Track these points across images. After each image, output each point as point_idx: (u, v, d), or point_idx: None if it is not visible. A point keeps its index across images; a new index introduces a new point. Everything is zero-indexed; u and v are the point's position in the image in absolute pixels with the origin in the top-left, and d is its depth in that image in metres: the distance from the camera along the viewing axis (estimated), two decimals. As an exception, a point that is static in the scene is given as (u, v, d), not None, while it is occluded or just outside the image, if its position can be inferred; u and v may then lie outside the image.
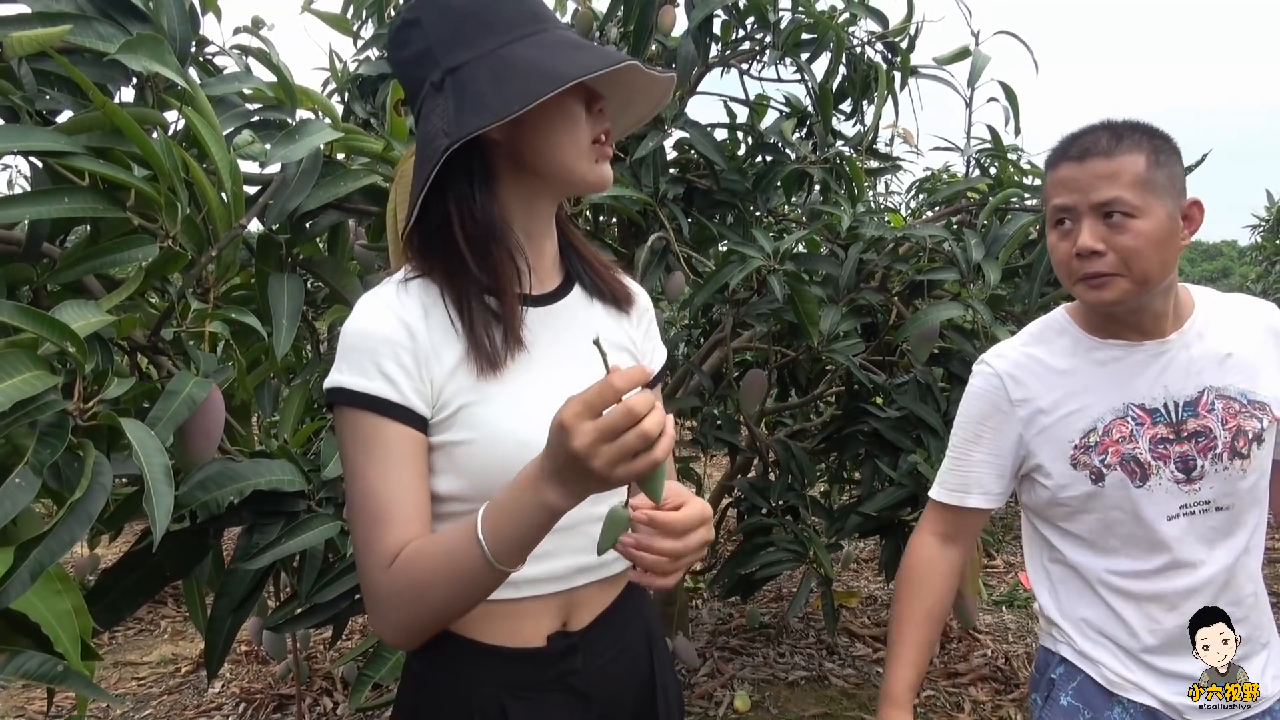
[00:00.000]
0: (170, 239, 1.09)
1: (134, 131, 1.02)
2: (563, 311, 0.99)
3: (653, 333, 1.10)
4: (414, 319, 0.90)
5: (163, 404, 1.08)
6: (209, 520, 1.29)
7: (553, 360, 0.96)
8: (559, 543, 0.92)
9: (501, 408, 0.90)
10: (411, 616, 0.83)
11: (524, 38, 0.87)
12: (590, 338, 0.86)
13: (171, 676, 3.80)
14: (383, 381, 0.86)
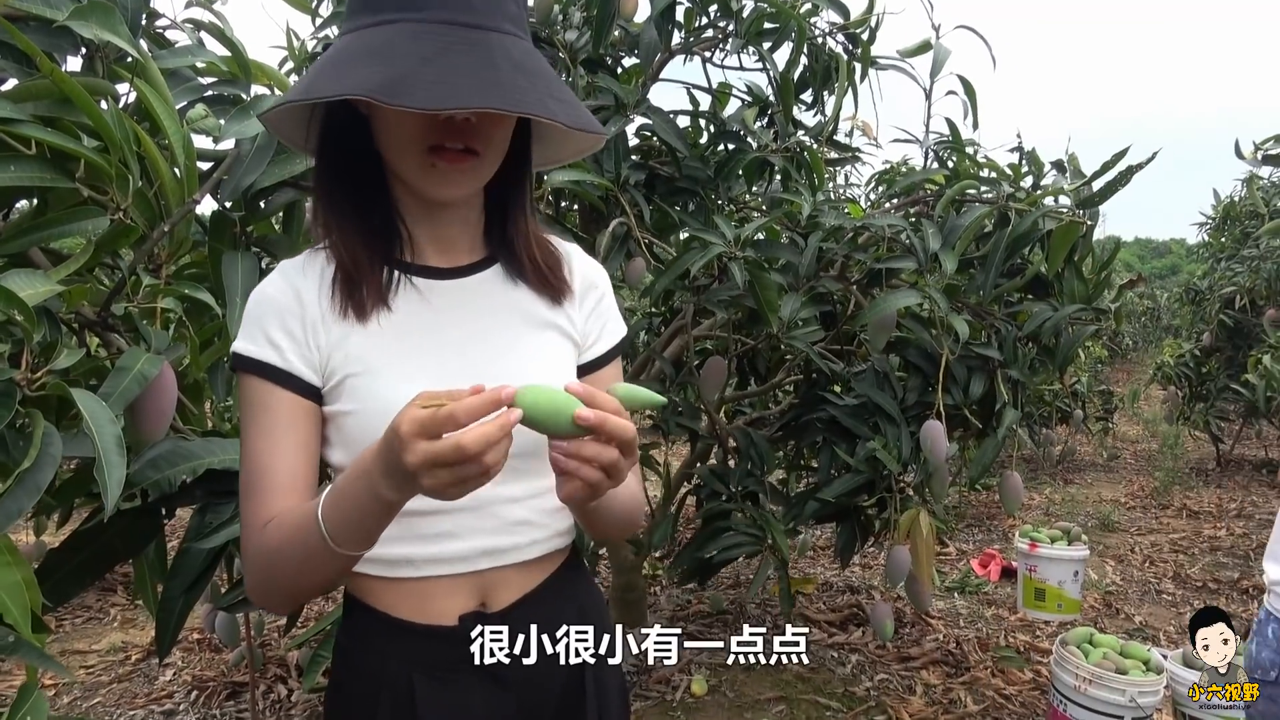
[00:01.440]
0: (121, 212, 1.07)
1: (83, 100, 1.00)
2: (476, 287, 0.97)
3: (602, 310, 1.05)
4: (308, 286, 0.90)
5: (113, 380, 1.06)
6: (161, 499, 1.27)
7: (452, 336, 0.94)
8: (463, 523, 0.92)
9: (387, 381, 0.89)
10: (266, 582, 0.85)
11: (393, 23, 0.80)
12: (502, 316, 0.95)
13: (121, 665, 3.74)
14: (269, 348, 0.87)
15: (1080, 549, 3.73)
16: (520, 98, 0.78)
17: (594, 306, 1.04)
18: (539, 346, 0.98)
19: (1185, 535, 5.50)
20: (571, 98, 0.85)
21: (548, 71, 0.85)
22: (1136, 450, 8.83)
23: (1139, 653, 2.67)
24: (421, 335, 0.93)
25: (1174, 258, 31.68)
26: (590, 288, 1.04)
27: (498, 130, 0.87)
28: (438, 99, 0.74)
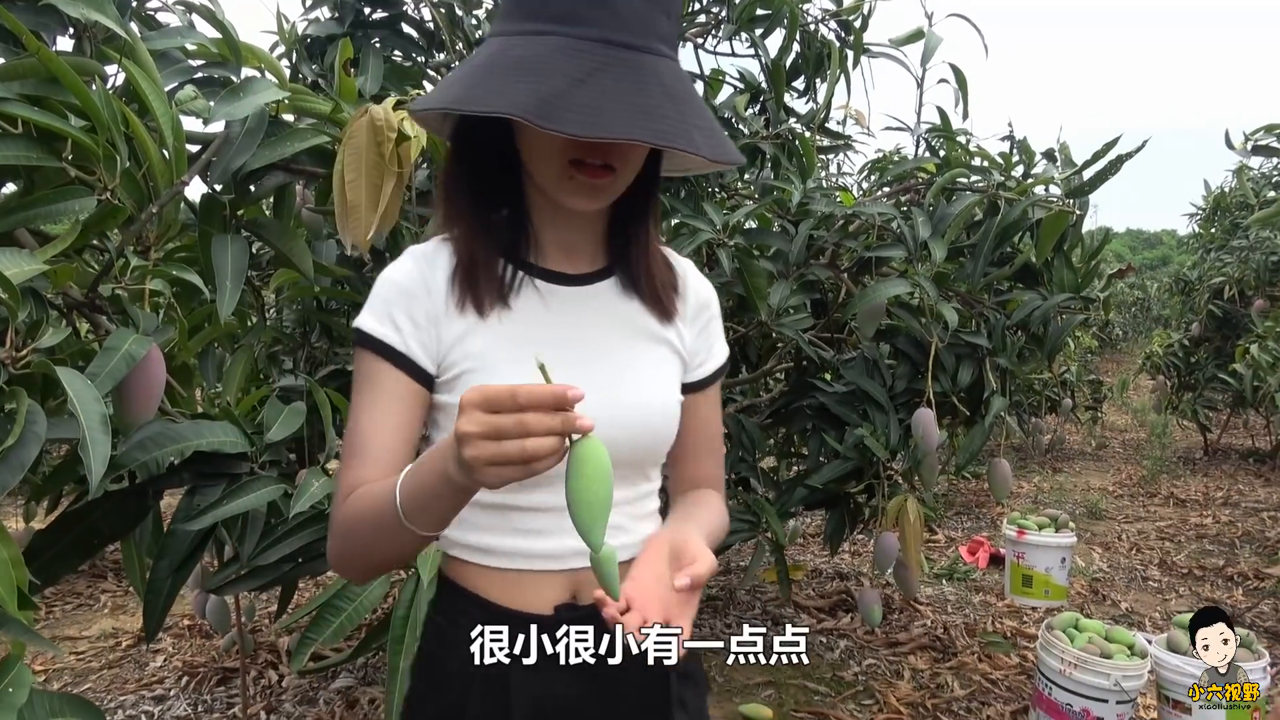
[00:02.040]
0: (109, 192, 1.07)
1: (71, 80, 0.99)
2: (593, 296, 0.98)
3: (711, 331, 1.07)
4: (435, 276, 0.93)
5: (100, 360, 1.06)
6: (149, 481, 1.28)
7: (567, 343, 0.96)
8: (557, 522, 0.93)
9: (501, 381, 0.88)
10: (343, 549, 0.88)
11: (547, 35, 0.81)
12: (618, 328, 0.98)
13: (112, 651, 3.74)
14: (391, 328, 0.91)
15: (1067, 536, 3.76)
16: (667, 129, 0.79)
17: (704, 326, 1.05)
18: (652, 361, 1.00)
19: (1172, 523, 5.54)
20: (712, 124, 0.86)
21: (693, 97, 0.85)
22: (1125, 439, 8.88)
23: (1124, 637, 2.70)
24: (537, 341, 0.94)
25: (1165, 249, 31.80)
26: (703, 307, 1.05)
27: (635, 151, 0.89)
28: (587, 126, 0.75)
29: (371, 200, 1.61)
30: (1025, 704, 2.98)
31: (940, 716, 2.98)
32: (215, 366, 2.34)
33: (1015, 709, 3.01)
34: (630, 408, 0.95)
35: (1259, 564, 4.65)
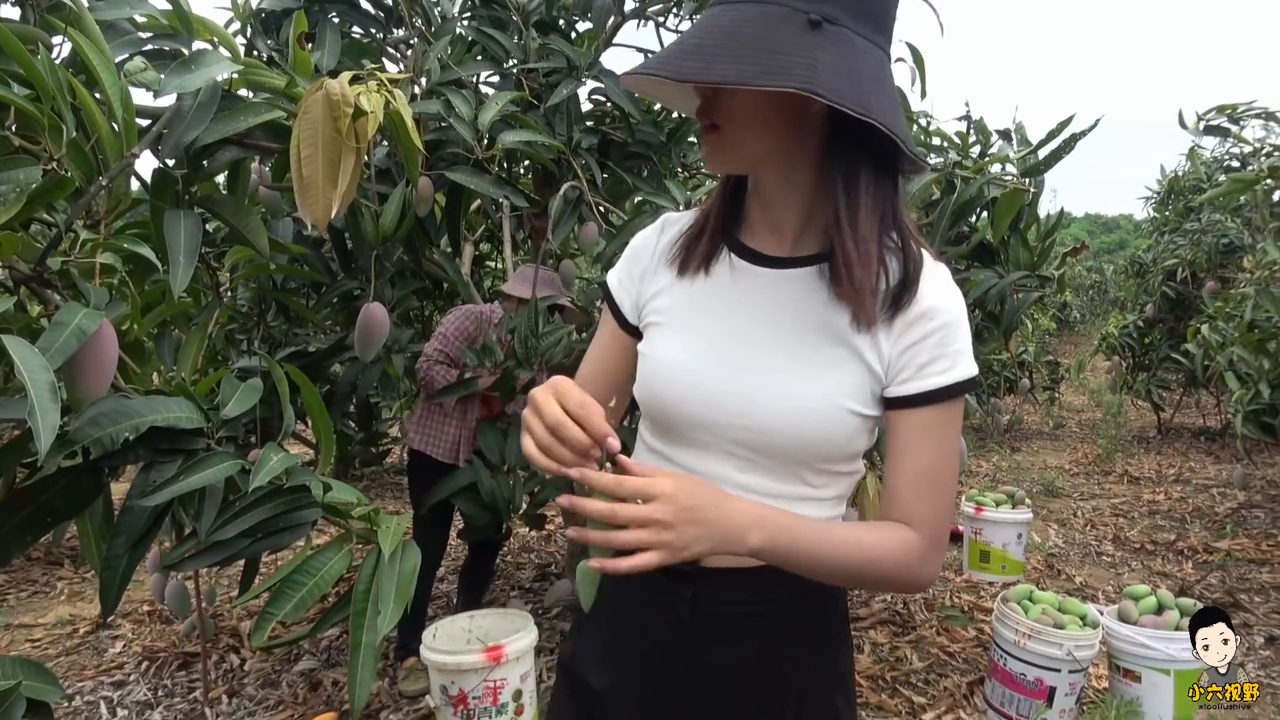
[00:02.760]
0: (55, 163, 1.05)
1: (14, 47, 0.97)
2: (784, 281, 0.96)
3: (930, 345, 0.91)
4: (664, 240, 1.06)
5: (50, 335, 1.04)
6: (102, 457, 1.26)
7: (738, 322, 0.97)
8: None
9: (666, 340, 1.00)
10: None
11: (711, 6, 0.88)
12: (798, 318, 0.94)
13: (69, 638, 3.69)
14: (616, 280, 1.09)
15: (1024, 512, 3.84)
16: (680, 63, 0.82)
17: (918, 339, 0.91)
18: (822, 361, 0.93)
19: (1125, 500, 5.68)
20: (757, 54, 0.82)
21: (755, 36, 0.83)
22: (1081, 419, 9.06)
23: (1076, 609, 2.77)
24: (713, 311, 0.99)
25: (1122, 233, 32.34)
26: (923, 316, 0.91)
27: (733, 103, 0.89)
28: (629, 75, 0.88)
29: (329, 177, 1.60)
30: (982, 675, 3.05)
31: (899, 688, 3.04)
32: (172, 348, 2.31)
33: (972, 680, 3.07)
34: (776, 398, 0.93)
35: (1208, 538, 4.78)
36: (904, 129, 0.86)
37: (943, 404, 0.92)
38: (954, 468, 0.94)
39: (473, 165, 2.11)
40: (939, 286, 0.92)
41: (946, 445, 0.93)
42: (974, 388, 0.93)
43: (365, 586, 1.40)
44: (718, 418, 0.96)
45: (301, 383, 1.46)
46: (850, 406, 0.92)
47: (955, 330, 0.91)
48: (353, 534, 1.49)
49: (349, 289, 2.39)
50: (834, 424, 0.92)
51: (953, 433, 0.93)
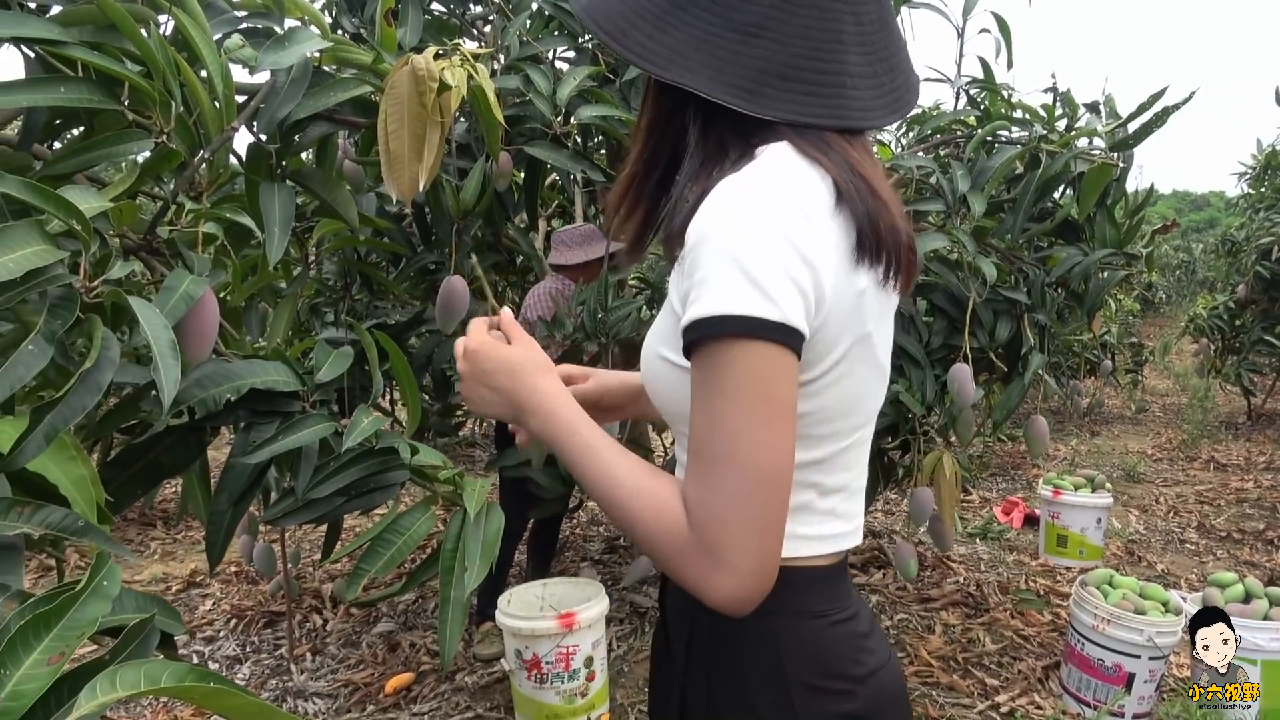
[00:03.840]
0: (164, 136, 1.10)
1: (128, 26, 1.02)
2: None
3: (684, 275, 0.74)
4: None
5: (160, 299, 1.10)
6: (206, 417, 1.33)
7: None
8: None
9: None
10: None
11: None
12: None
13: (164, 594, 3.88)
14: None
15: (1104, 496, 3.74)
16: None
17: (685, 272, 0.74)
18: (662, 312, 0.86)
19: (1212, 487, 5.49)
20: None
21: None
22: (1165, 403, 8.76)
23: (1158, 594, 2.70)
24: None
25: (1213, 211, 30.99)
26: (690, 247, 0.73)
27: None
28: None
29: (415, 151, 1.64)
30: (1057, 659, 3.00)
31: (971, 669, 3.01)
32: (259, 320, 2.40)
33: (1047, 664, 3.03)
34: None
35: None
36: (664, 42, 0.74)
37: (698, 352, 0.71)
38: (722, 444, 0.70)
39: (550, 140, 2.13)
40: (705, 210, 0.72)
41: (710, 410, 0.70)
42: (727, 329, 0.68)
43: (452, 545, 1.45)
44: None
45: (390, 349, 1.51)
46: (662, 353, 0.82)
47: (697, 253, 0.70)
48: (438, 496, 1.54)
49: (428, 262, 2.45)
50: (655, 375, 0.83)
51: (715, 394, 0.70)
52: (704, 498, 0.70)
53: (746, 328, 0.67)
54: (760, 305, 0.67)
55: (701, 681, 0.88)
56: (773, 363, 0.69)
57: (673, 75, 0.73)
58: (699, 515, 0.70)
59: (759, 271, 0.68)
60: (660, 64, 0.73)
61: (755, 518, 0.69)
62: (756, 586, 0.69)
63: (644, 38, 0.74)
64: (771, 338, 0.68)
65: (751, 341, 0.68)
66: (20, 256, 0.71)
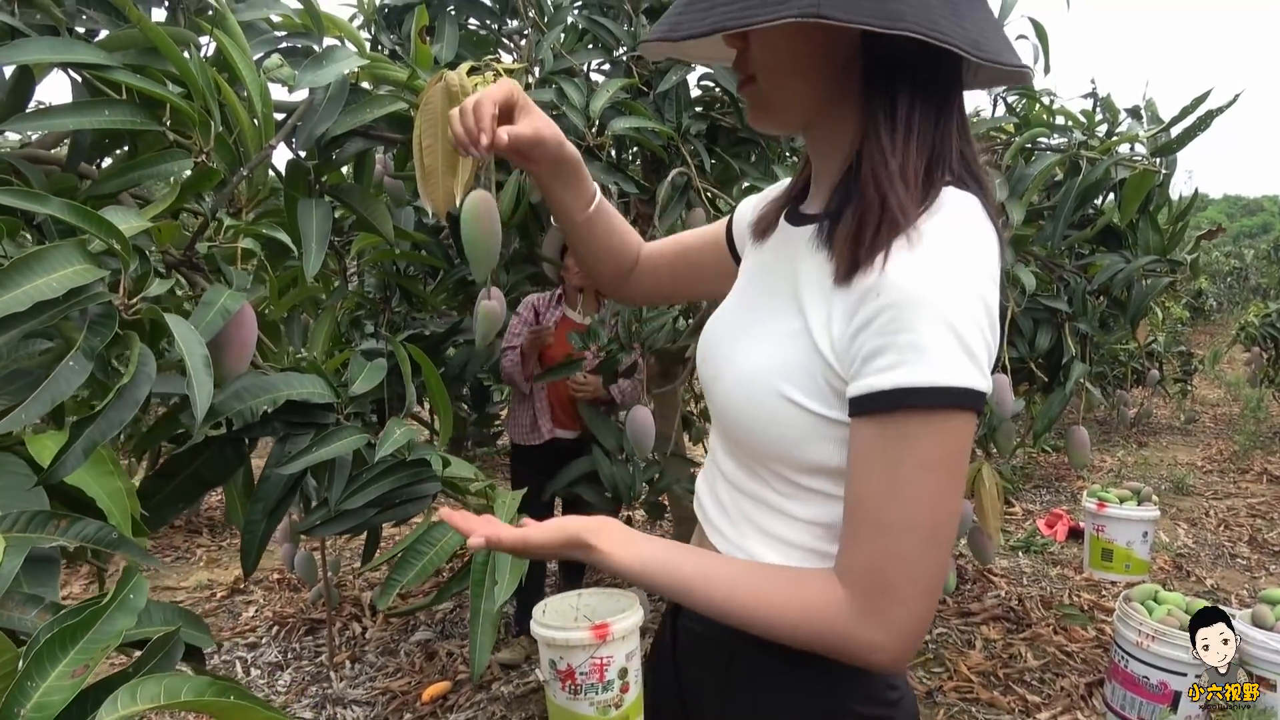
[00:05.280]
0: (204, 155, 1.13)
1: (169, 49, 1.05)
2: (797, 239, 0.83)
3: (867, 335, 0.69)
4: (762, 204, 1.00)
5: (198, 314, 1.13)
6: (244, 429, 1.35)
7: (748, 276, 0.93)
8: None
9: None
10: None
11: None
12: (782, 280, 0.82)
13: (208, 600, 3.95)
14: (748, 206, 1.05)
15: (1150, 509, 3.65)
16: (679, 17, 0.73)
17: (867, 318, 0.69)
18: (773, 332, 0.80)
19: (1264, 500, 5.34)
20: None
21: None
22: (1216, 414, 8.55)
23: (1206, 610, 2.63)
24: (743, 275, 0.94)
25: (1266, 215, 30.21)
26: (872, 289, 0.69)
27: (763, 51, 0.77)
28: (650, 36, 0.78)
29: (449, 165, 1.66)
30: (1101, 676, 2.94)
31: (1012, 686, 2.96)
32: (300, 332, 2.44)
33: (1091, 681, 2.97)
34: (728, 367, 0.84)
35: (1358, 542, 4.46)
36: (969, 32, 0.69)
37: (887, 416, 0.68)
38: (909, 514, 0.68)
39: (584, 152, 2.15)
40: (908, 255, 0.68)
41: (896, 478, 0.68)
42: (940, 401, 0.66)
43: (483, 558, 1.46)
44: (704, 382, 0.92)
45: (422, 362, 1.53)
46: (786, 392, 0.76)
47: (905, 314, 0.66)
48: (470, 508, 1.56)
49: (465, 275, 2.48)
50: (768, 410, 0.77)
51: (908, 463, 0.68)
52: (876, 564, 0.70)
53: (960, 400, 0.67)
54: (975, 378, 0.67)
55: (742, 713, 0.87)
56: (969, 432, 0.69)
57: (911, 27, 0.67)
58: (868, 582, 0.70)
59: (973, 341, 0.67)
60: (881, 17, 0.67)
61: (929, 584, 0.69)
62: (915, 646, 0.71)
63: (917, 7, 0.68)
64: (975, 408, 0.68)
65: (960, 413, 0.68)
66: (62, 276, 0.74)
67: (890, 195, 0.71)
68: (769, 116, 0.82)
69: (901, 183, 0.71)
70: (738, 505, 0.88)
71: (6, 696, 0.55)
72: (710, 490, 0.95)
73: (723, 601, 0.76)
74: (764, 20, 0.67)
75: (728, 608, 0.76)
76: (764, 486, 0.83)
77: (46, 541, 0.72)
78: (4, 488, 0.77)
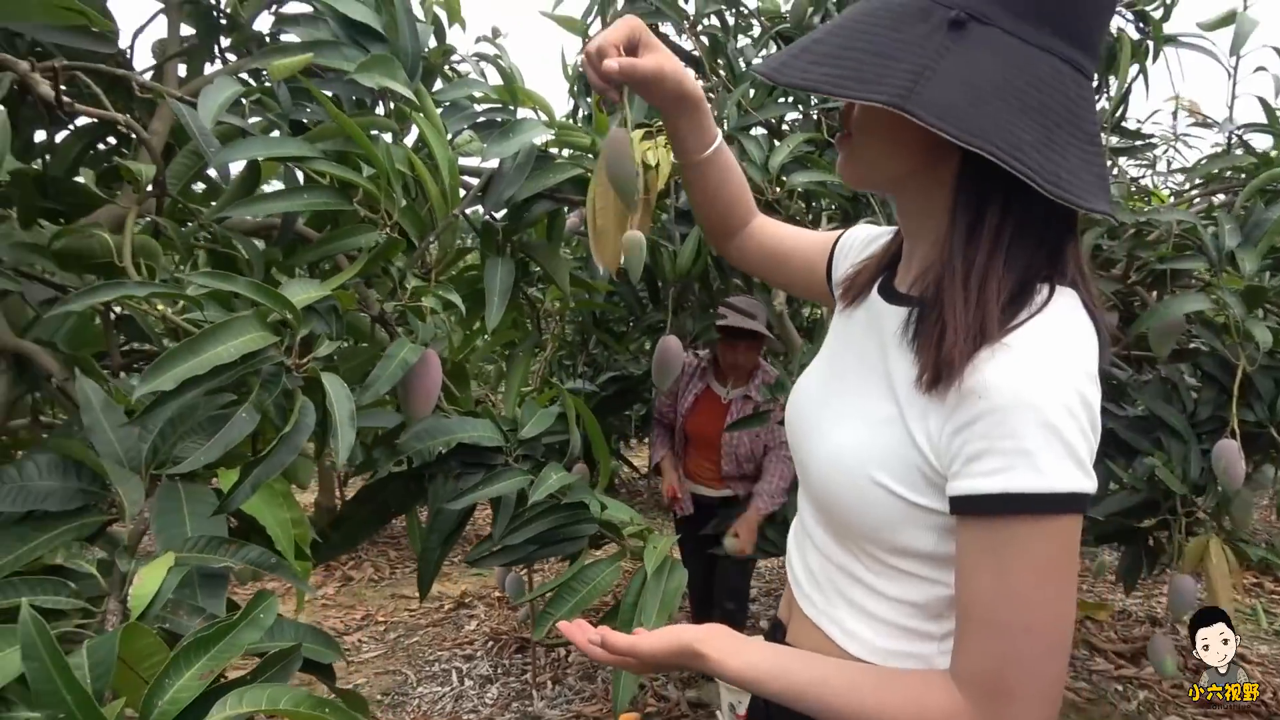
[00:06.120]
0: (390, 227, 1.31)
1: (360, 138, 1.23)
2: (887, 317, 0.85)
3: (979, 434, 0.69)
4: (861, 254, 1.04)
5: (382, 366, 1.30)
6: (423, 466, 1.52)
7: (833, 349, 0.95)
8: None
9: (812, 364, 0.99)
10: None
11: None
12: (871, 361, 0.83)
13: (437, 611, 4.32)
14: (852, 239, 1.10)
15: None
16: (785, 62, 0.74)
17: (967, 420, 0.70)
18: (867, 417, 0.81)
19: None
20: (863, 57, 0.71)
21: (873, 36, 0.72)
22: None
23: None
24: (838, 339, 0.95)
25: None
26: (972, 392, 0.70)
27: (863, 113, 0.80)
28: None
29: (620, 226, 1.77)
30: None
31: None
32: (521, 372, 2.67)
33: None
34: (820, 443, 0.86)
35: None
36: (1054, 165, 0.68)
37: (994, 520, 0.69)
38: (1024, 617, 0.68)
39: (764, 206, 2.19)
40: (1007, 359, 0.69)
41: (1008, 582, 0.69)
42: (1047, 508, 0.67)
43: (633, 599, 1.53)
44: (793, 445, 0.93)
45: (583, 412, 1.63)
46: (880, 480, 0.77)
47: (1010, 419, 0.67)
48: (627, 550, 1.64)
49: (655, 320, 2.59)
50: (862, 495, 0.78)
51: (1018, 567, 0.68)
52: (993, 668, 0.70)
53: (1066, 505, 0.68)
54: (1080, 481, 0.68)
55: None
56: (1075, 533, 0.70)
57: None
58: (988, 687, 0.71)
59: (1076, 443, 0.68)
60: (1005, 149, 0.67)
61: (1049, 686, 0.70)
62: None
63: (1002, 125, 0.68)
64: (1081, 510, 0.69)
65: (1067, 516, 0.69)
66: (239, 343, 0.90)
67: (974, 311, 0.71)
68: (856, 174, 0.84)
69: (988, 298, 0.72)
70: (827, 574, 0.90)
71: (150, 689, 0.69)
72: (800, 554, 0.97)
73: (840, 707, 0.77)
74: (853, 95, 0.69)
75: (844, 714, 0.77)
76: (853, 560, 0.85)
77: (217, 562, 0.88)
78: (196, 514, 0.94)
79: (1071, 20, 0.70)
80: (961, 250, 0.74)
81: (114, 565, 0.83)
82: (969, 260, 0.73)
